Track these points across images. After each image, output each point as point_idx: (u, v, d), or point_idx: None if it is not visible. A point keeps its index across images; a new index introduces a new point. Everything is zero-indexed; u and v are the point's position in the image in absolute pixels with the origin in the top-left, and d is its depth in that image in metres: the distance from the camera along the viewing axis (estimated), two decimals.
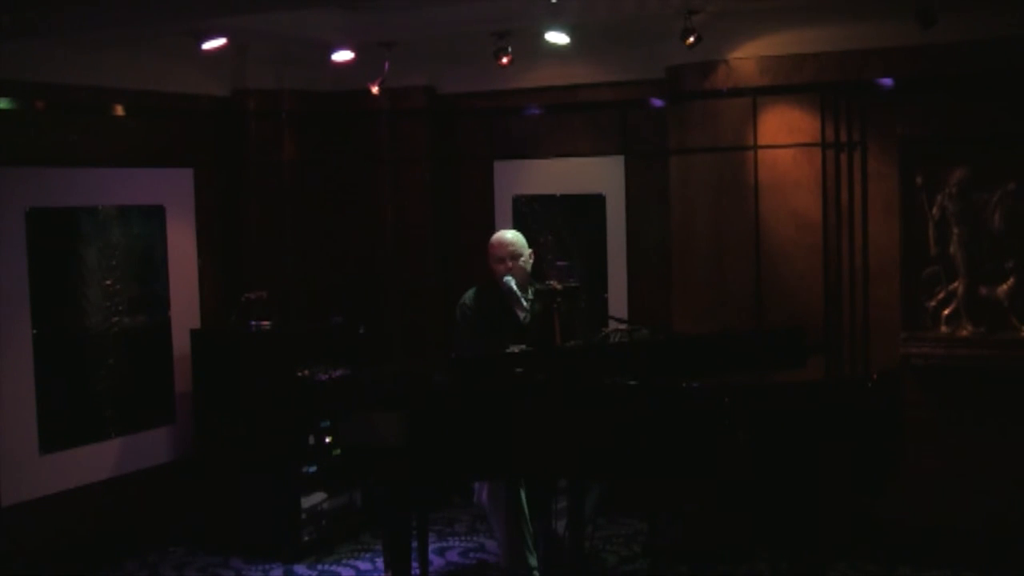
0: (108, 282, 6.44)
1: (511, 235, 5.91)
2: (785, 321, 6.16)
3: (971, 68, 5.85)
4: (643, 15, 6.14)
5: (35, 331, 6.05)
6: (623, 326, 5.99)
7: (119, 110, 6.50)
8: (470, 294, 5.93)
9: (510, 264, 5.79)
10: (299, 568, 6.31)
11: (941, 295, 6.02)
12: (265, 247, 7.18)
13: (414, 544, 5.43)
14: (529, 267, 5.89)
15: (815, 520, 4.78)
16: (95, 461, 6.36)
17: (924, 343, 6.02)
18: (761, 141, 6.32)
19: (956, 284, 5.97)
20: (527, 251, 5.89)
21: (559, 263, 7.07)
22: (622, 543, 6.51)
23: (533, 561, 5.65)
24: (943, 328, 6.00)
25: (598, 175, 7.08)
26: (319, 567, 6.33)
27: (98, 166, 6.40)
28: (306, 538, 6.44)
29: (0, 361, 5.89)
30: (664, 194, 6.68)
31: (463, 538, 6.73)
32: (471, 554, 6.49)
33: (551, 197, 7.24)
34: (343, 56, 6.64)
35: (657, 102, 6.80)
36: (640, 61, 6.70)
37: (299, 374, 6.46)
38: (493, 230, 6.26)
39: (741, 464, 4.56)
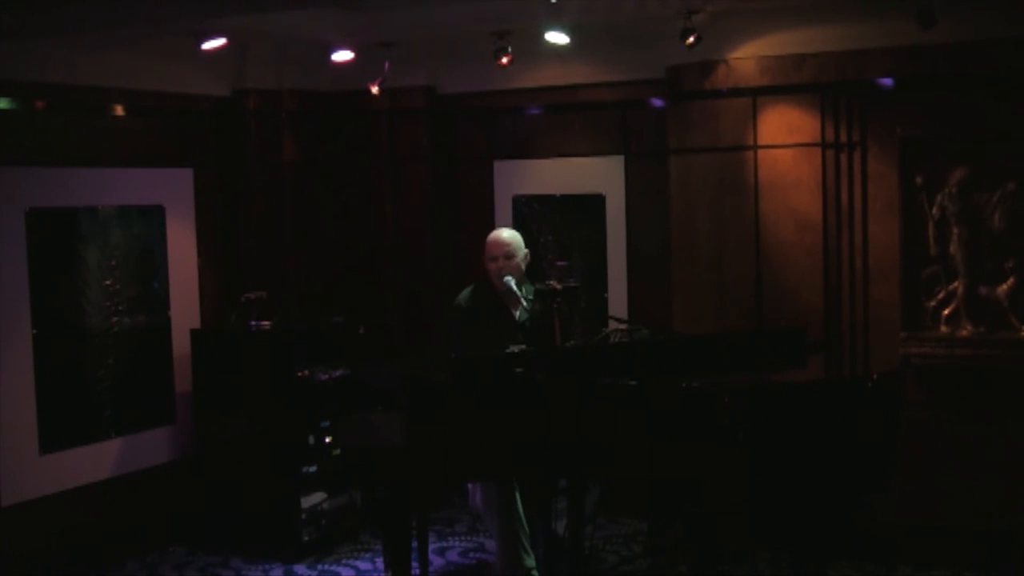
0: (108, 282, 6.43)
1: (507, 235, 5.91)
2: (785, 321, 6.16)
3: (971, 68, 5.85)
4: (643, 15, 6.14)
5: (35, 331, 6.05)
6: (623, 326, 5.98)
7: (119, 110, 6.50)
8: (465, 293, 5.92)
9: (502, 264, 5.78)
10: (299, 568, 6.31)
11: (941, 295, 6.02)
12: (265, 247, 7.17)
13: (414, 544, 5.43)
14: (524, 267, 5.89)
15: (815, 520, 4.78)
16: (95, 461, 6.36)
17: (924, 343, 6.02)
18: (761, 141, 6.32)
19: (956, 284, 5.97)
20: (522, 252, 5.88)
21: (559, 263, 7.06)
22: (622, 543, 6.51)
23: (531, 562, 5.64)
24: (943, 328, 6.00)
25: (598, 175, 7.08)
26: (319, 567, 6.33)
27: (98, 166, 6.40)
28: (306, 538, 6.44)
29: (0, 361, 5.90)
30: (664, 194, 6.68)
31: (463, 538, 6.73)
32: (471, 554, 6.49)
33: (551, 197, 7.24)
34: (343, 56, 6.64)
35: (657, 102, 6.79)
36: (640, 61, 6.70)
37: (299, 374, 6.46)
38: (493, 230, 6.25)
39: (741, 464, 4.56)
